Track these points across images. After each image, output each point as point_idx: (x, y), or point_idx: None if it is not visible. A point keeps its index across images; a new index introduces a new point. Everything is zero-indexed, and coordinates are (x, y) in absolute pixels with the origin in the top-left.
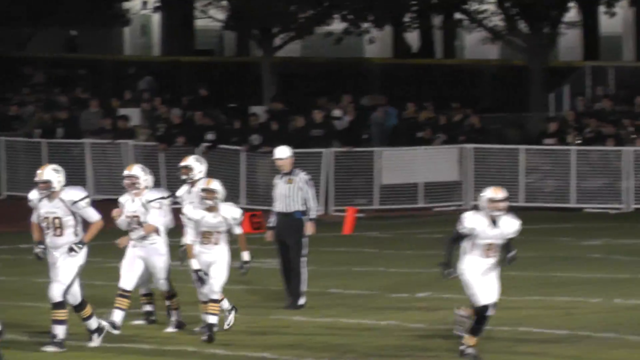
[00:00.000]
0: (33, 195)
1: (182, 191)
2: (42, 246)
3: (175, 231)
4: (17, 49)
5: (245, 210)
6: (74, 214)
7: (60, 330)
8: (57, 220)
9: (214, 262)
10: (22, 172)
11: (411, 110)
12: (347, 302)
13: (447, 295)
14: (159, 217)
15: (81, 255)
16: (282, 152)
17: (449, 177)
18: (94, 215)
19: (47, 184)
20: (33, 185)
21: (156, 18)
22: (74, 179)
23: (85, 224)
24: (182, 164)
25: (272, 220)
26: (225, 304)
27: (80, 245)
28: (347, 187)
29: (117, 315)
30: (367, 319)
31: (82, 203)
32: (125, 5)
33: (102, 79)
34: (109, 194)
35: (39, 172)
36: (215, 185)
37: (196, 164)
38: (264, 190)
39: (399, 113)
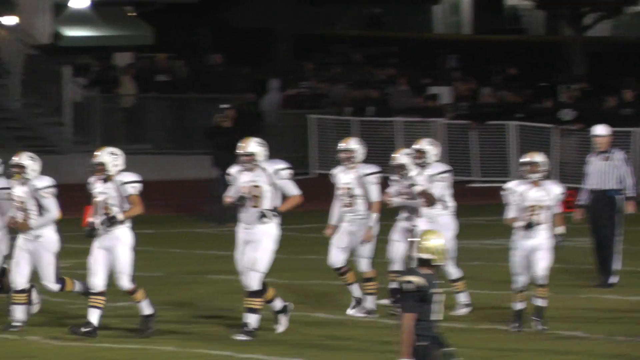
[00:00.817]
0: (233, 169)
1: (413, 173)
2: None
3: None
4: (325, 26)
5: None
6: (274, 185)
7: (253, 319)
8: (256, 189)
9: (538, 246)
10: (332, 150)
11: None
12: None
13: None
14: (378, 192)
15: (274, 239)
16: (602, 130)
17: None
18: (293, 189)
19: (251, 157)
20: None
21: None
22: (384, 157)
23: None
24: (415, 146)
25: (583, 199)
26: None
27: (274, 213)
28: None
29: (370, 301)
30: None
31: (285, 173)
32: None
33: (411, 57)
34: None
35: (242, 144)
36: (539, 158)
37: (429, 147)
38: (572, 168)
39: None
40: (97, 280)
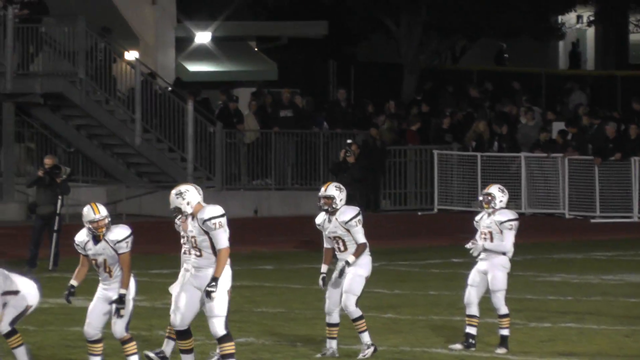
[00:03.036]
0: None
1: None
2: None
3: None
4: (451, 61)
5: None
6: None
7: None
8: (193, 240)
9: None
10: (455, 185)
11: None
12: None
13: None
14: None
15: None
16: None
17: None
18: (224, 241)
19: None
20: (466, 199)
21: (591, 32)
22: (509, 193)
23: None
24: (486, 191)
25: None
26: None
27: (213, 284)
28: None
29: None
30: None
31: (210, 223)
32: (561, 18)
33: (536, 92)
34: (543, 207)
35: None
36: None
37: (499, 194)
38: None
39: None
40: (90, 330)
